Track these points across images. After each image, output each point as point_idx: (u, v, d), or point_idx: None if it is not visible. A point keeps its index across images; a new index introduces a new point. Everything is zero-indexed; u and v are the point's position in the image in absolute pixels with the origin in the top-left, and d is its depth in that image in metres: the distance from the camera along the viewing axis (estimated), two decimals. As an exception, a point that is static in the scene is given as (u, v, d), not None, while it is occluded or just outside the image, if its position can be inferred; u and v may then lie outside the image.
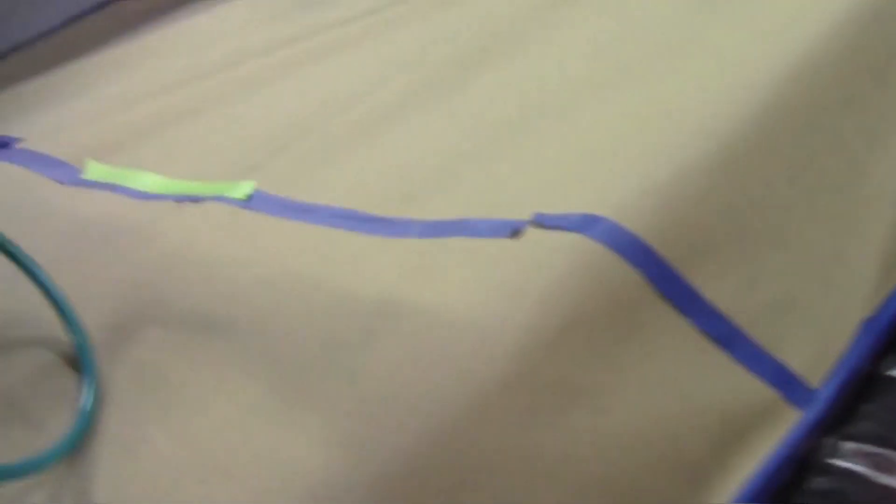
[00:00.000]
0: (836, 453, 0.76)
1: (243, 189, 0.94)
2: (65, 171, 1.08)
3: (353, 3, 1.31)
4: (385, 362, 0.72)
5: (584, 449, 0.70)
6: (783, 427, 0.76)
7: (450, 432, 0.68)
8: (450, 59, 1.11)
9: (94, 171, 1.06)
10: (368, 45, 1.20)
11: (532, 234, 0.78)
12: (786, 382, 0.77)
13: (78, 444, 0.74)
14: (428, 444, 0.67)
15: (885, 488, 0.73)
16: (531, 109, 0.98)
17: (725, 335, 0.77)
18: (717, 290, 0.78)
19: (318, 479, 0.66)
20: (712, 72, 0.95)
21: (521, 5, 1.18)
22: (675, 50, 1.00)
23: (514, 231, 0.79)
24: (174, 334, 0.80)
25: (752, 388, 0.77)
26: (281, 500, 0.66)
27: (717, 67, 0.95)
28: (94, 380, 0.78)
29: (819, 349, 0.80)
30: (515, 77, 1.05)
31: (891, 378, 0.81)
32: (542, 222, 0.79)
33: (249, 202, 0.92)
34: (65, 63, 1.38)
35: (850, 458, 0.76)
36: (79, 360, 0.79)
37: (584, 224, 0.77)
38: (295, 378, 0.73)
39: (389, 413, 0.69)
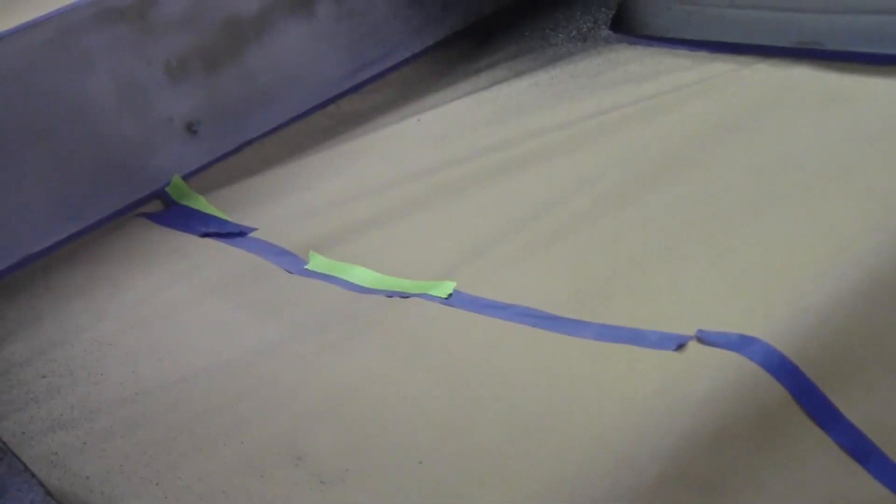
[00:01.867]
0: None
1: (445, 289, 1.08)
2: (292, 261, 1.23)
3: (545, 118, 1.43)
4: (555, 449, 0.83)
5: (727, 543, 0.81)
6: (911, 538, 0.85)
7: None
8: (628, 177, 1.23)
9: (317, 262, 1.22)
10: (558, 159, 1.32)
11: (694, 348, 0.90)
12: (917, 497, 0.86)
13: None
14: None
15: None
16: (698, 226, 1.10)
17: (862, 450, 0.87)
18: (858, 410, 0.88)
19: None
20: (867, 204, 1.04)
21: (692, 130, 1.30)
22: (831, 180, 1.10)
23: (680, 345, 0.90)
24: (381, 415, 0.93)
25: (885, 500, 0.85)
26: None
27: (871, 200, 1.04)
28: None
29: (951, 468, 0.88)
30: (681, 196, 1.16)
31: None
32: (704, 339, 0.90)
33: (450, 300, 1.06)
34: (289, 159, 1.53)
35: (972, 571, 0.84)
36: None
37: (742, 344, 0.88)
38: (476, 457, 0.85)
39: (568, 490, 0.80)
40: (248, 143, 1.60)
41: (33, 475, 0.80)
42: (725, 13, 1.49)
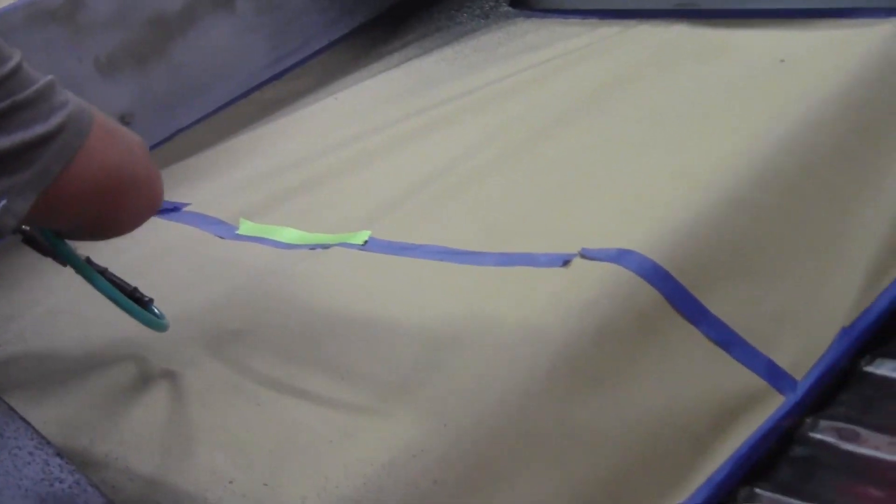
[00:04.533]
0: (813, 429, 0.98)
1: (361, 237, 1.20)
2: (223, 228, 1.34)
3: (452, 88, 1.56)
4: (463, 358, 0.95)
5: (610, 424, 0.93)
6: (771, 409, 0.98)
7: (506, 412, 0.90)
8: (527, 132, 1.36)
9: (246, 227, 1.33)
10: (465, 122, 1.45)
11: (579, 263, 1.02)
12: (775, 375, 1.00)
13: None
14: (491, 417, 0.89)
15: (848, 453, 0.94)
16: (587, 168, 1.23)
17: (727, 340, 1.00)
18: (722, 306, 1.01)
19: (408, 444, 0.87)
20: (733, 140, 1.17)
21: (583, 87, 1.43)
22: (704, 121, 1.24)
23: (566, 262, 1.03)
24: (305, 340, 1.04)
25: (747, 379, 0.99)
26: (377, 457, 0.86)
27: (731, 131, 1.18)
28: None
29: (805, 351, 1.02)
30: (573, 144, 1.29)
31: (865, 373, 1.02)
32: (587, 255, 1.03)
33: (366, 246, 1.18)
34: (218, 143, 1.64)
35: (823, 432, 0.97)
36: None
37: (620, 256, 1.01)
38: (394, 370, 0.96)
39: (464, 396, 0.91)
40: (179, 131, 1.71)
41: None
42: (607, -19, 1.63)
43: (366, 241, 1.19)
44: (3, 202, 0.70)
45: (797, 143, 1.13)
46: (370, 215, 1.27)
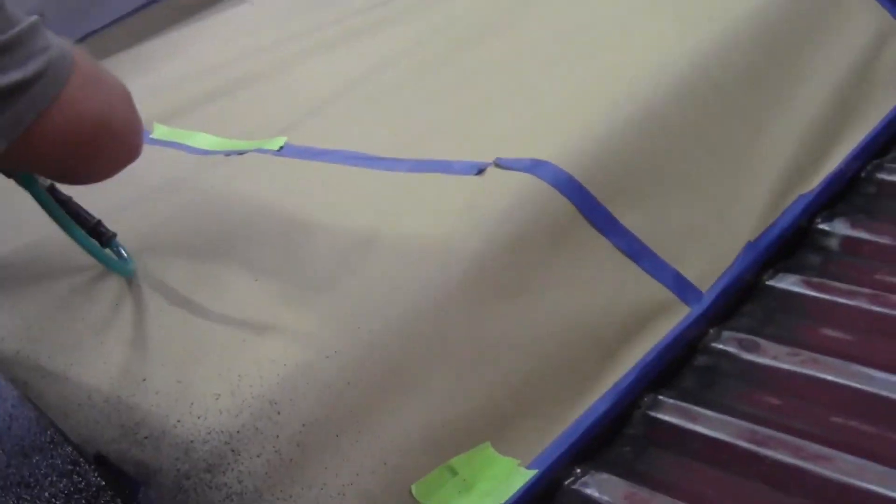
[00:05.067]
0: (716, 339, 1.01)
1: (277, 143, 1.19)
2: (137, 132, 1.33)
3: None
4: (376, 263, 0.96)
5: (521, 332, 0.94)
6: (676, 319, 1.00)
7: (419, 317, 0.91)
8: (443, 44, 1.36)
9: (161, 131, 1.31)
10: (381, 32, 1.44)
11: (494, 173, 1.03)
12: (681, 287, 1.02)
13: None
14: (404, 322, 0.90)
15: (748, 363, 0.98)
16: (504, 80, 1.23)
17: (637, 251, 1.02)
18: (633, 219, 1.03)
19: (321, 346, 0.88)
20: (643, 53, 1.19)
21: (494, 4, 1.44)
22: (618, 37, 1.25)
23: (480, 170, 1.03)
24: (219, 244, 1.04)
25: (654, 290, 1.01)
26: (292, 357, 0.87)
27: (647, 49, 1.19)
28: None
29: (711, 264, 1.05)
30: (491, 57, 1.29)
31: (768, 287, 1.06)
32: (502, 164, 1.04)
33: (281, 152, 1.18)
34: (133, 46, 1.62)
35: (725, 343, 1.00)
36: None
37: (533, 166, 1.02)
38: (309, 273, 0.97)
39: (378, 301, 0.92)
40: (92, 33, 1.68)
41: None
42: None
43: (281, 147, 1.18)
44: None
45: (710, 60, 1.15)
46: (286, 122, 1.26)
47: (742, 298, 1.05)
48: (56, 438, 0.80)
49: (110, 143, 0.84)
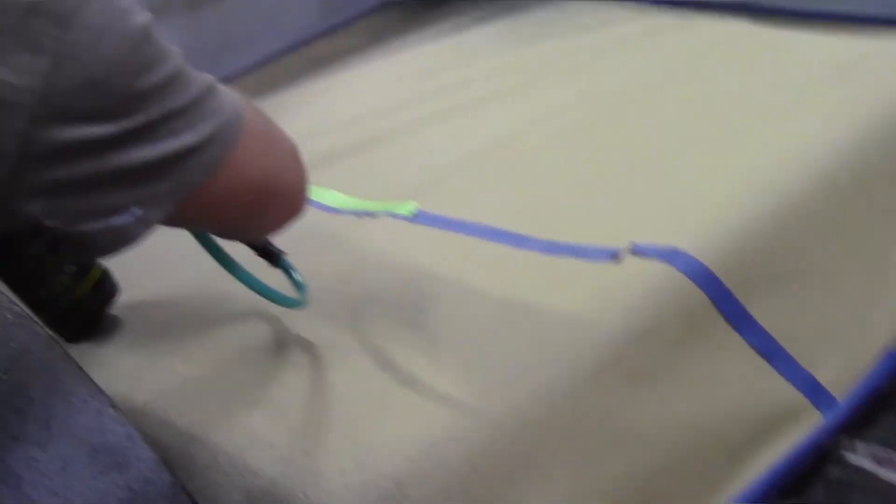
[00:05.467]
0: (850, 451, 0.98)
1: (408, 208, 1.20)
2: (267, 185, 1.34)
3: (504, 60, 1.56)
4: (506, 344, 0.95)
5: (649, 424, 0.93)
6: (808, 426, 0.98)
7: (548, 403, 0.90)
8: (580, 115, 1.35)
9: (291, 186, 1.33)
10: (516, 98, 1.44)
11: (628, 259, 1.02)
12: (815, 392, 1.00)
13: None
14: (532, 407, 0.89)
15: (885, 483, 0.94)
16: (639, 159, 1.22)
17: (770, 350, 1.00)
18: (767, 316, 1.01)
19: (448, 427, 0.87)
20: (786, 142, 1.17)
21: (636, 75, 1.43)
22: (757, 121, 1.23)
23: (614, 256, 1.02)
24: (347, 309, 1.04)
25: (786, 393, 0.99)
26: (419, 437, 0.86)
27: (789, 138, 1.17)
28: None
29: (846, 370, 1.02)
30: (628, 132, 1.29)
31: (905, 396, 1.03)
32: (637, 251, 1.02)
33: (414, 218, 1.18)
34: (265, 94, 1.63)
35: (860, 456, 0.97)
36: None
37: (670, 255, 1.00)
38: (437, 349, 0.96)
39: (507, 383, 0.91)
40: (224, 80, 1.69)
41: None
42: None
43: (415, 213, 1.19)
44: (140, 212, 0.67)
45: (852, 154, 1.13)
46: (418, 185, 1.27)
47: (879, 409, 1.02)
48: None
49: (277, 204, 0.83)
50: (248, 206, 0.79)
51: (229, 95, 0.75)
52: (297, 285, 1.00)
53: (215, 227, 0.83)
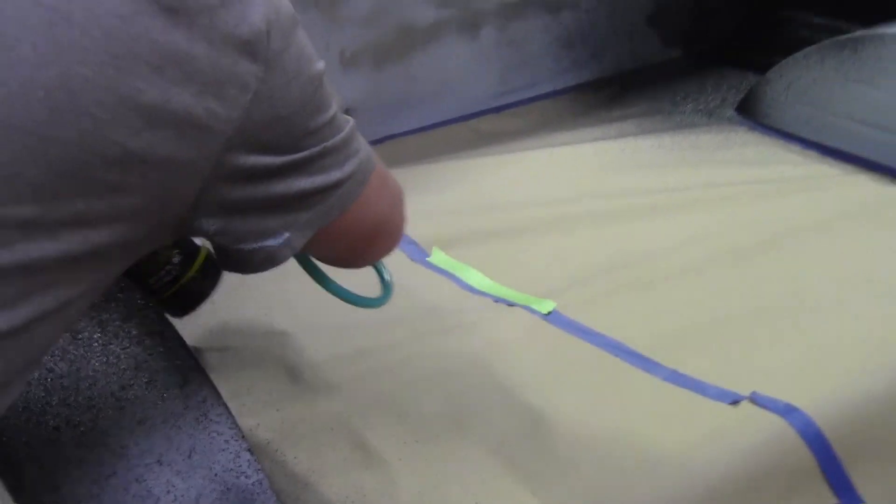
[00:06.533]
0: None
1: (546, 306, 1.25)
2: (416, 251, 1.41)
3: (662, 178, 1.61)
4: (611, 464, 0.99)
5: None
6: None
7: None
8: (725, 246, 1.40)
9: (438, 258, 1.39)
10: (668, 217, 1.49)
11: (746, 406, 1.06)
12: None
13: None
14: None
15: None
16: (775, 305, 1.26)
17: (866, 523, 1.02)
18: (869, 489, 1.03)
19: None
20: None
21: (789, 219, 1.47)
22: None
23: (734, 401, 1.06)
24: (462, 395, 1.10)
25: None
26: None
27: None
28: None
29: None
30: (766, 276, 1.32)
31: None
32: (756, 400, 1.06)
33: (549, 317, 1.24)
34: (426, 161, 1.70)
35: None
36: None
37: (787, 411, 1.04)
38: (544, 458, 1.01)
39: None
40: (392, 136, 1.79)
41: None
42: (841, 122, 1.64)
43: (550, 312, 1.24)
44: (287, 236, 0.75)
45: None
46: (558, 283, 1.32)
47: None
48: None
49: (383, 240, 0.90)
50: (363, 238, 0.86)
51: (362, 138, 0.82)
52: (384, 284, 1.05)
53: (331, 254, 0.89)
